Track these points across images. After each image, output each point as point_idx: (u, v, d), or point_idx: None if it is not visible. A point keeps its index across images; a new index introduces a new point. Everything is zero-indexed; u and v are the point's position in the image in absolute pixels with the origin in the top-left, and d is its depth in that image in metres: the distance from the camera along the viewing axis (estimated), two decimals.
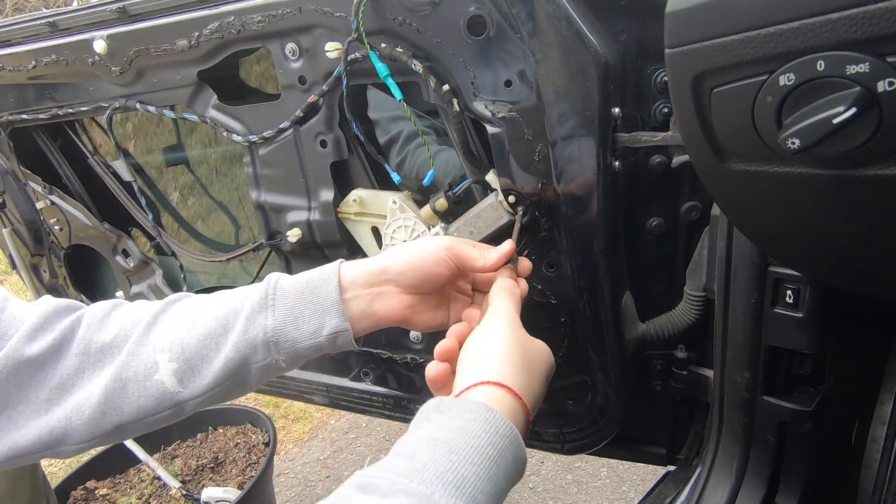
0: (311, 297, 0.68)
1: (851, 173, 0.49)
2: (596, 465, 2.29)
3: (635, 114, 0.80)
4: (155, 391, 0.66)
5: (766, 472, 0.82)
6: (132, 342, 0.68)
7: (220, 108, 1.04)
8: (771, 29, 0.47)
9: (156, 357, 0.67)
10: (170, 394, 0.67)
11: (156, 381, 0.66)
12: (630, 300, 0.93)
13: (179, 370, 0.66)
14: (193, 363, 0.67)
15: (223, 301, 0.70)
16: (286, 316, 0.67)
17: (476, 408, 0.49)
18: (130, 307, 0.72)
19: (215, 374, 0.67)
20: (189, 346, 0.67)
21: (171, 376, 0.66)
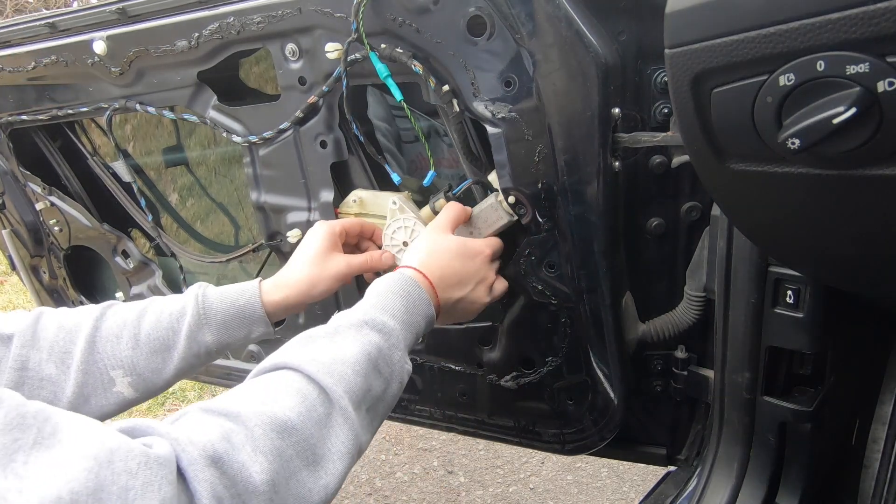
0: (238, 314, 0.81)
1: (851, 173, 0.49)
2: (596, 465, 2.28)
3: (635, 114, 0.80)
4: (116, 400, 0.77)
5: (767, 472, 0.82)
6: (79, 360, 0.75)
7: (219, 108, 1.04)
8: (771, 29, 0.47)
9: (110, 374, 0.76)
10: (129, 401, 0.78)
11: (115, 393, 0.77)
12: (630, 300, 0.93)
13: (135, 382, 0.77)
14: (146, 376, 0.78)
15: (158, 319, 0.79)
16: (220, 330, 0.80)
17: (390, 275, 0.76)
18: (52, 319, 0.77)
19: (167, 380, 0.80)
20: (139, 363, 0.77)
21: (129, 387, 0.77)
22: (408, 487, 2.31)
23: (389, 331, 0.68)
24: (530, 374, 1.01)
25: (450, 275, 0.80)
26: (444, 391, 1.10)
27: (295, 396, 0.57)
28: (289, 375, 0.59)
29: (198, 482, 0.46)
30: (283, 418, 0.54)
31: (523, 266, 0.91)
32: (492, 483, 2.29)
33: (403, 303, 0.72)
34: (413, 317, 0.73)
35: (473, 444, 2.45)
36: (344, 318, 0.68)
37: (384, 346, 0.66)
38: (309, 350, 0.62)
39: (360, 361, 0.63)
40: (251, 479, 0.49)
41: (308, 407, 0.56)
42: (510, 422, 1.08)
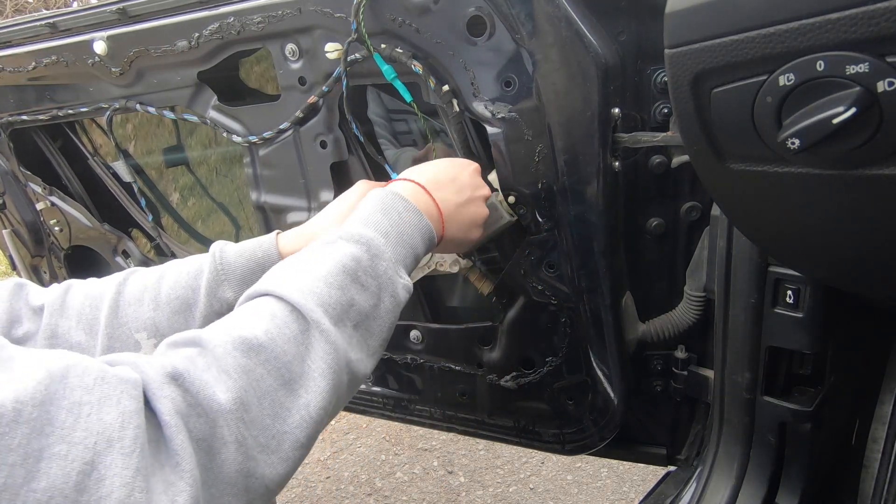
0: (256, 267, 0.77)
1: (851, 173, 0.49)
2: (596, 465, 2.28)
3: (635, 114, 0.80)
4: None
5: (767, 472, 0.82)
6: (104, 326, 0.75)
7: (220, 108, 1.04)
8: (771, 29, 0.47)
9: (135, 336, 0.75)
10: None
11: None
12: (630, 300, 0.93)
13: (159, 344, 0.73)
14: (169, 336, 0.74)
15: (176, 279, 0.77)
16: (240, 285, 0.77)
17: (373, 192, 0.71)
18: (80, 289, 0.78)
19: None
20: (161, 324, 0.75)
21: (154, 349, 0.74)
22: (408, 487, 2.31)
23: (368, 241, 0.63)
24: (530, 374, 1.01)
25: (445, 180, 0.75)
26: (444, 391, 1.10)
27: (264, 317, 0.54)
28: (261, 300, 0.57)
29: (157, 400, 0.45)
30: (248, 337, 0.52)
31: (523, 266, 0.91)
32: (492, 483, 2.29)
33: (388, 217, 0.67)
34: (401, 229, 0.68)
35: (473, 444, 2.45)
36: (321, 239, 0.65)
37: (363, 258, 0.62)
38: (280, 273, 0.60)
39: (334, 273, 0.59)
40: (215, 396, 0.47)
41: (277, 325, 0.54)
42: (510, 422, 1.08)
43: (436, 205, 0.73)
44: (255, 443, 0.49)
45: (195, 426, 0.46)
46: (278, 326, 0.54)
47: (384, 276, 0.63)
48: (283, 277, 0.59)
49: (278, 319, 0.55)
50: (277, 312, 0.55)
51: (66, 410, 0.40)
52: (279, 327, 0.54)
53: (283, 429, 0.51)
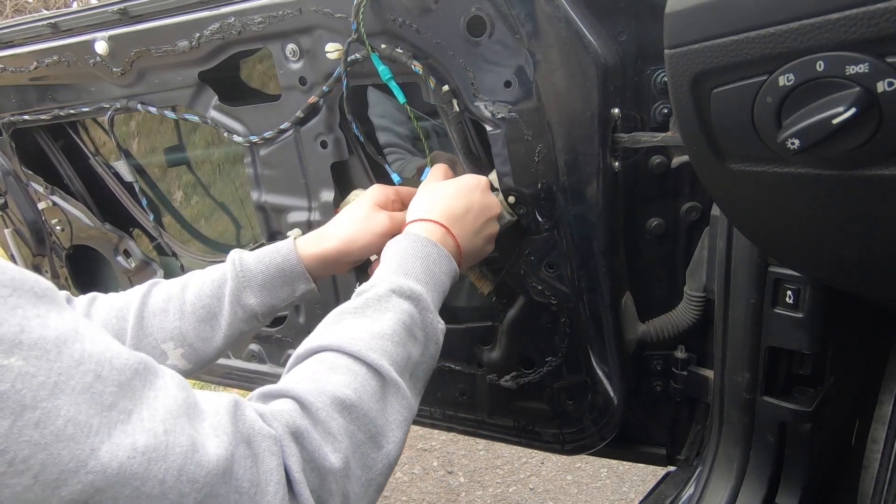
0: (277, 272, 0.81)
1: (851, 173, 0.49)
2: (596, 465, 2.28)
3: (635, 114, 0.80)
4: None
5: (767, 472, 0.82)
6: (131, 336, 0.76)
7: (220, 108, 1.05)
8: (771, 29, 0.47)
9: (161, 347, 0.77)
10: (184, 373, 0.79)
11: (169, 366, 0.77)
12: (630, 300, 0.93)
13: (187, 353, 0.79)
14: (197, 346, 0.79)
15: (200, 289, 0.79)
16: (262, 291, 0.80)
17: (406, 237, 0.75)
18: (104, 301, 0.79)
19: (218, 349, 0.80)
20: (188, 334, 0.78)
21: (181, 359, 0.79)
22: (407, 487, 2.31)
23: (418, 296, 0.67)
24: (530, 373, 1.01)
25: (460, 213, 0.78)
26: (444, 391, 1.10)
27: (346, 374, 0.58)
28: (332, 357, 0.60)
29: (287, 457, 0.50)
30: (341, 396, 0.55)
31: (523, 266, 0.91)
32: (491, 483, 2.29)
33: (423, 264, 0.71)
34: (435, 276, 0.72)
35: (473, 444, 2.45)
36: (370, 291, 0.67)
37: (415, 313, 0.67)
38: (343, 329, 0.63)
39: (398, 332, 0.64)
40: (327, 458, 0.52)
41: (361, 383, 0.58)
42: (510, 421, 1.08)
43: (455, 242, 0.77)
44: (352, 492, 0.55)
45: (309, 479, 0.51)
46: (362, 385, 0.58)
47: (430, 326, 0.69)
48: (351, 335, 0.62)
49: (359, 378, 0.59)
50: (356, 370, 0.59)
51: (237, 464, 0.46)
52: (363, 385, 0.58)
53: (370, 476, 0.57)
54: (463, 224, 0.78)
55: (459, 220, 0.78)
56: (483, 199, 0.81)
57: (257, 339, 1.31)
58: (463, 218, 0.78)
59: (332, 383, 0.56)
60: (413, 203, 0.81)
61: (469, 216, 0.79)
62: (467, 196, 0.80)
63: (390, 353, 0.61)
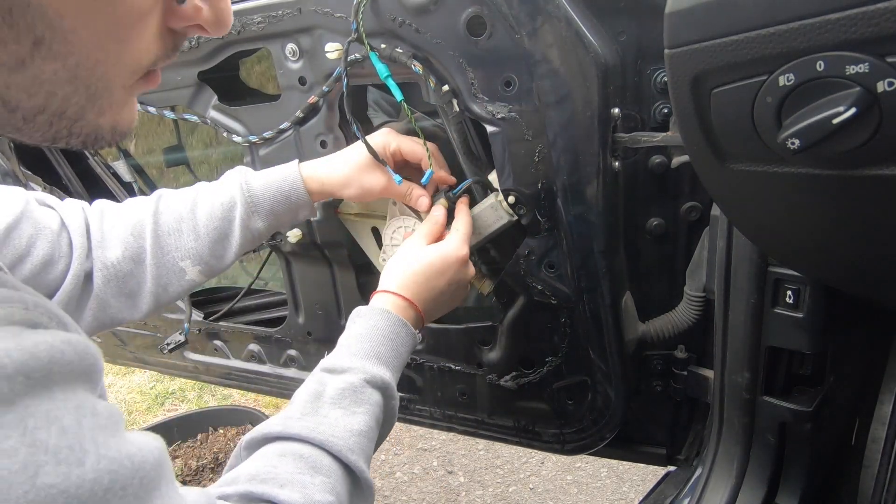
0: (284, 199, 0.86)
1: (851, 173, 0.49)
2: (596, 465, 2.28)
3: (635, 114, 0.80)
4: (189, 286, 0.86)
5: (767, 472, 0.82)
6: (150, 255, 0.82)
7: (220, 108, 1.04)
8: (771, 29, 0.47)
9: (179, 265, 0.83)
10: (198, 283, 0.87)
11: (188, 280, 0.85)
12: (630, 300, 0.93)
13: (203, 269, 0.85)
14: (212, 263, 0.85)
15: (211, 211, 0.84)
16: (269, 216, 0.86)
17: (379, 312, 0.77)
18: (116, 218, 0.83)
19: (229, 263, 0.87)
20: (204, 253, 0.84)
21: (199, 274, 0.86)
22: (407, 487, 2.31)
23: (387, 385, 0.71)
24: (530, 373, 1.01)
25: (434, 296, 0.82)
26: (444, 391, 1.10)
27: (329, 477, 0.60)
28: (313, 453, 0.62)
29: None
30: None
31: (523, 266, 0.91)
32: (491, 483, 2.29)
33: (392, 346, 0.75)
34: (401, 357, 0.77)
35: (473, 444, 2.45)
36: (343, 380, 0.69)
37: (386, 404, 0.71)
38: (322, 422, 0.64)
39: (372, 428, 0.68)
40: None
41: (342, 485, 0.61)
42: (510, 422, 1.08)
43: (421, 317, 0.81)
44: None
45: None
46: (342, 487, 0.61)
47: (392, 411, 0.73)
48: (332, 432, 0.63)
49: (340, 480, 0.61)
50: (338, 472, 0.61)
51: None
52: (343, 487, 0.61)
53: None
54: (433, 304, 0.82)
55: (431, 301, 0.82)
56: (458, 276, 0.84)
57: (257, 340, 1.31)
58: (435, 299, 0.82)
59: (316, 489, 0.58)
60: (389, 269, 0.83)
61: (444, 297, 0.83)
62: (443, 276, 0.82)
63: (366, 451, 0.65)
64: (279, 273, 1.21)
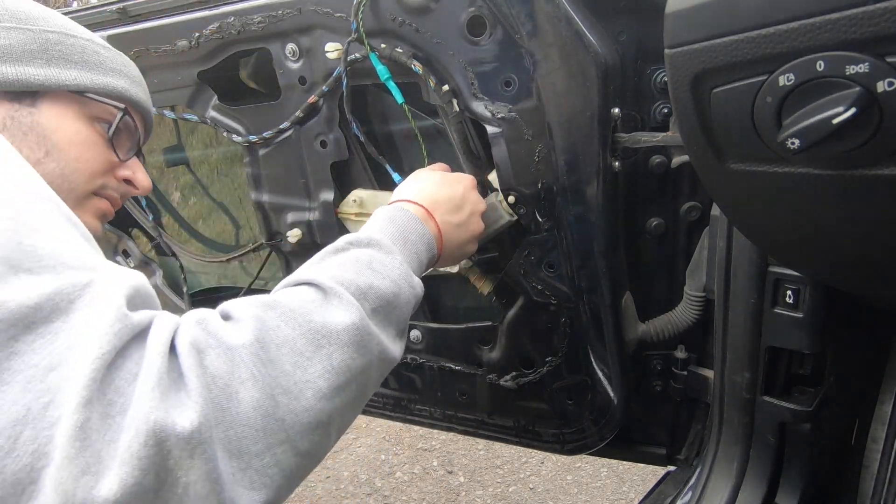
0: None
1: (851, 173, 0.49)
2: (596, 465, 2.28)
3: (635, 114, 0.80)
4: None
5: (767, 472, 0.82)
6: None
7: (220, 108, 1.04)
8: (771, 29, 0.47)
9: None
10: None
11: None
12: (630, 300, 0.93)
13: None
14: None
15: None
16: None
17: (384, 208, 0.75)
18: None
19: None
20: None
21: None
22: (407, 487, 2.31)
23: (377, 241, 0.65)
24: (530, 373, 1.01)
25: (443, 200, 0.77)
26: (444, 391, 1.10)
27: (284, 290, 0.57)
28: (280, 290, 0.59)
29: (179, 336, 0.46)
30: (265, 299, 0.54)
31: (523, 266, 0.91)
32: (491, 483, 2.29)
33: (390, 223, 0.70)
34: (406, 235, 0.70)
35: (473, 444, 2.45)
36: (329, 246, 0.65)
37: (375, 254, 0.64)
38: (292, 275, 0.61)
39: (347, 262, 0.61)
40: (232, 335, 0.48)
41: (296, 292, 0.56)
42: (510, 421, 1.08)
43: (436, 225, 0.75)
44: (276, 384, 0.48)
45: (213, 363, 0.46)
46: (296, 292, 0.56)
47: (398, 269, 0.64)
48: (297, 272, 0.61)
49: (296, 290, 0.57)
50: (296, 288, 0.57)
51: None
52: (297, 293, 0.56)
53: (304, 377, 0.50)
54: (445, 211, 0.77)
55: (441, 206, 0.77)
56: (467, 194, 0.81)
57: None
58: (445, 205, 0.77)
59: (268, 297, 0.54)
60: (399, 187, 0.81)
61: (451, 204, 0.78)
62: (452, 186, 0.80)
63: (334, 274, 0.58)
64: (279, 273, 1.21)
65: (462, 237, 0.80)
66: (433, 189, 0.78)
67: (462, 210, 0.79)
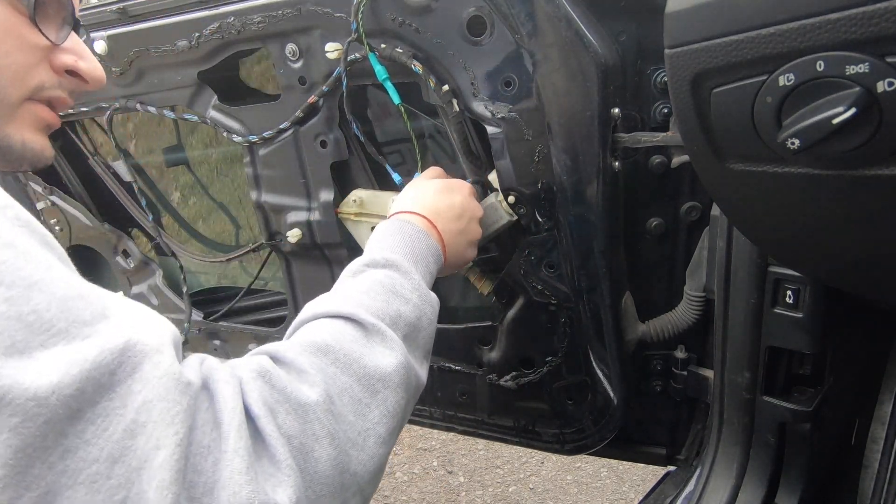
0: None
1: (851, 173, 0.49)
2: (596, 465, 2.28)
3: (635, 114, 0.80)
4: None
5: (766, 472, 0.82)
6: None
7: (220, 108, 1.04)
8: (771, 29, 0.47)
9: None
10: None
11: None
12: (630, 300, 0.93)
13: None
14: None
15: None
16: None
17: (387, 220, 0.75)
18: None
19: None
20: None
21: None
22: (407, 487, 2.31)
23: (395, 263, 0.66)
24: (530, 373, 1.01)
25: (444, 208, 0.78)
26: (444, 391, 1.10)
27: (322, 328, 0.55)
28: (313, 322, 0.57)
29: (247, 394, 0.44)
30: (315, 341, 0.52)
31: (523, 266, 0.91)
32: (491, 483, 2.29)
33: (400, 238, 0.70)
34: (416, 249, 0.70)
35: (473, 444, 2.45)
36: (345, 271, 0.66)
37: (395, 275, 0.64)
38: (318, 303, 0.61)
39: (374, 289, 0.61)
40: (302, 390, 0.47)
41: (338, 330, 0.55)
42: (510, 421, 1.08)
43: (438, 234, 0.76)
44: (346, 437, 0.48)
45: (285, 422, 0.45)
46: (339, 331, 0.55)
47: (419, 289, 0.65)
48: (324, 304, 0.59)
49: (337, 326, 0.56)
50: (334, 323, 0.56)
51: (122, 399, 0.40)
52: (340, 332, 0.55)
53: (365, 425, 0.50)
54: (447, 219, 0.78)
55: (443, 215, 0.78)
56: (466, 201, 0.82)
57: (256, 340, 1.30)
58: (446, 213, 0.78)
59: (310, 336, 0.53)
60: (398, 198, 0.82)
61: (452, 213, 0.79)
62: (452, 194, 0.81)
63: (366, 304, 0.59)
64: (279, 273, 1.21)
65: (463, 243, 0.81)
66: (434, 198, 0.79)
67: (462, 217, 0.80)
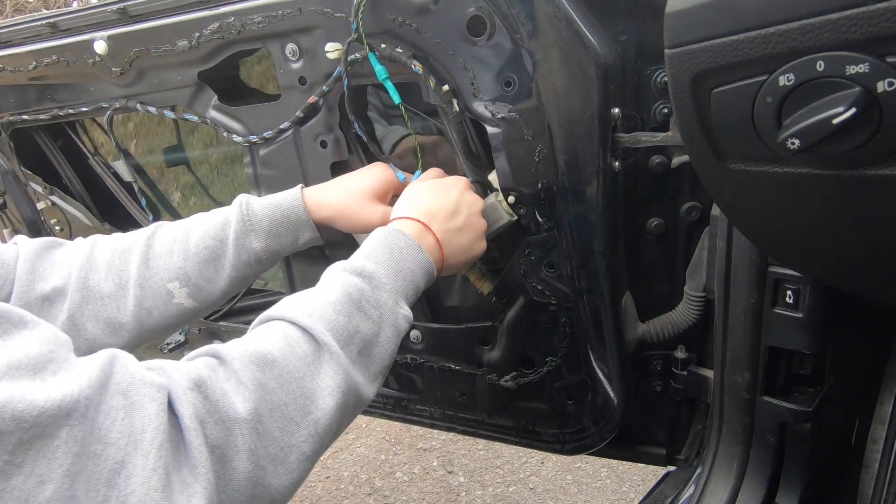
0: (283, 218, 0.83)
1: (851, 173, 0.49)
2: (596, 465, 2.28)
3: (635, 114, 0.80)
4: (177, 311, 0.81)
5: (767, 472, 0.82)
6: (135, 277, 0.78)
7: (220, 108, 1.04)
8: (771, 29, 0.47)
9: (167, 286, 0.80)
10: (190, 310, 0.82)
11: (175, 304, 0.81)
12: (630, 300, 0.93)
13: (192, 293, 0.81)
14: (201, 285, 0.81)
15: (204, 231, 0.81)
16: (267, 236, 0.82)
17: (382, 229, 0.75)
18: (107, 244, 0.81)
19: (223, 290, 0.83)
20: (192, 273, 0.80)
21: (187, 297, 0.81)
22: (407, 487, 2.31)
23: (370, 274, 0.67)
24: (530, 373, 1.01)
25: (438, 208, 0.79)
26: (444, 391, 1.10)
27: (277, 336, 0.58)
28: (273, 323, 0.61)
29: (180, 404, 0.47)
30: (262, 352, 0.55)
31: (523, 266, 0.91)
32: (491, 483, 2.29)
33: (387, 251, 0.71)
34: (401, 263, 0.71)
35: (473, 444, 2.45)
36: (329, 269, 0.69)
37: (366, 289, 0.66)
38: (292, 300, 0.64)
39: (341, 301, 0.63)
40: (234, 406, 0.50)
41: (290, 344, 0.57)
42: (510, 421, 1.08)
43: (435, 239, 0.77)
44: (266, 453, 0.51)
45: (212, 433, 0.48)
46: (290, 346, 0.57)
47: (385, 306, 0.67)
48: (295, 303, 0.62)
49: (291, 339, 0.58)
50: (290, 333, 0.58)
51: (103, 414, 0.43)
52: (291, 346, 0.57)
53: (291, 441, 0.53)
54: (442, 219, 0.78)
55: (437, 216, 0.78)
56: (462, 196, 0.82)
57: None
58: (441, 213, 0.79)
59: (259, 342, 0.56)
60: (395, 205, 0.83)
61: (446, 212, 0.79)
62: (446, 192, 0.81)
63: (329, 319, 0.61)
64: (279, 273, 1.21)
65: (465, 240, 0.81)
66: (428, 200, 0.80)
67: (459, 214, 0.80)
